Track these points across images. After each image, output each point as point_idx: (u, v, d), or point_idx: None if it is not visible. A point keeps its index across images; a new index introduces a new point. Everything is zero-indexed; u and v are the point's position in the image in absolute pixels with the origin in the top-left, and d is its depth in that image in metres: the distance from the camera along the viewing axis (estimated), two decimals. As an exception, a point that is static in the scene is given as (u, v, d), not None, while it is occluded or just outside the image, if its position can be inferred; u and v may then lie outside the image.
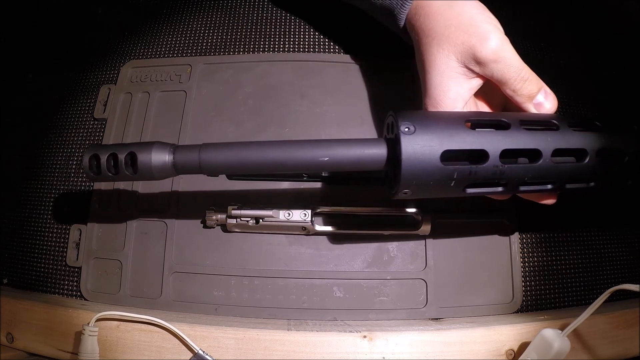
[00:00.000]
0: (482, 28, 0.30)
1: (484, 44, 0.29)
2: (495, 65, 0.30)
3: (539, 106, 0.31)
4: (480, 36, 0.30)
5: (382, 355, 0.31)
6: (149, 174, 0.27)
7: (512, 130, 0.28)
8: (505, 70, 0.30)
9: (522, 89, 0.30)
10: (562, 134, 0.28)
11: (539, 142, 0.28)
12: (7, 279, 0.41)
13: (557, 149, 0.28)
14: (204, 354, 0.31)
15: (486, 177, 0.28)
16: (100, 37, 0.48)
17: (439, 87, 0.31)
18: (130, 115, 0.43)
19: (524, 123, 0.28)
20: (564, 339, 0.29)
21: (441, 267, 0.38)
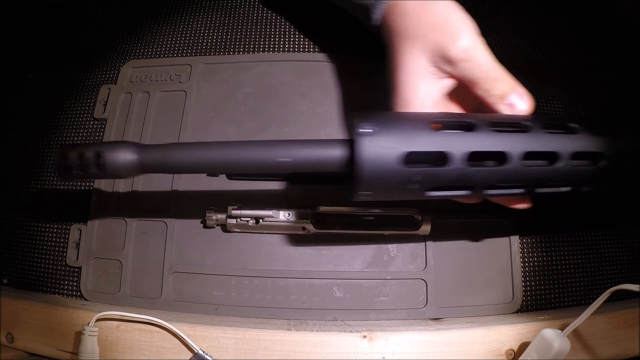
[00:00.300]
0: (454, 27, 0.29)
1: (455, 43, 0.29)
2: (466, 65, 0.29)
3: (512, 107, 0.29)
4: (451, 35, 0.29)
5: (382, 355, 0.31)
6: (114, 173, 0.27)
7: (478, 131, 0.27)
8: (475, 69, 0.29)
9: (493, 89, 0.29)
10: (533, 136, 0.27)
11: (507, 144, 0.26)
12: (7, 279, 0.41)
13: (528, 151, 0.27)
14: (204, 354, 0.31)
15: (450, 180, 0.27)
16: (100, 37, 0.48)
17: (408, 86, 0.30)
18: (130, 115, 0.43)
19: (493, 125, 0.27)
20: (564, 339, 0.29)
21: (441, 267, 0.38)
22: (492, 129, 0.27)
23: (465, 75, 0.30)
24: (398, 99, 0.31)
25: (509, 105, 0.29)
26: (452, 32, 0.29)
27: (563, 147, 0.27)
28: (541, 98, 0.44)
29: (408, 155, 0.25)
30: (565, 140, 0.27)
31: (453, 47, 0.29)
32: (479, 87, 0.30)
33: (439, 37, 0.29)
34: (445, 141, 0.26)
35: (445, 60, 0.29)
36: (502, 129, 0.27)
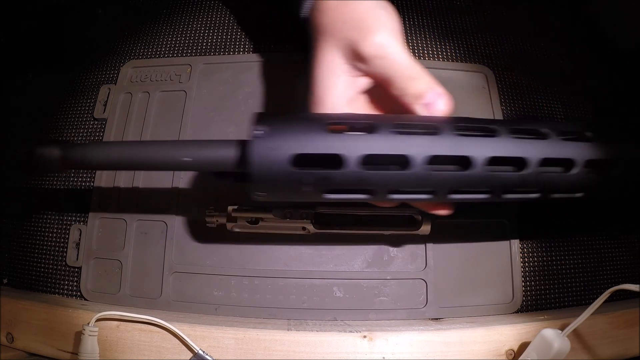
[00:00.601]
0: (367, 24, 0.28)
1: (367, 39, 0.28)
2: (379, 62, 0.28)
3: (428, 107, 0.27)
4: (365, 31, 0.28)
5: (382, 355, 0.31)
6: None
7: (380, 134, 0.25)
8: (389, 67, 0.28)
9: (408, 87, 0.28)
10: (442, 138, 0.25)
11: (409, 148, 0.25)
12: (7, 279, 0.41)
13: (434, 155, 0.25)
14: (204, 354, 0.31)
15: (347, 183, 0.26)
16: (100, 37, 0.48)
17: (322, 83, 0.30)
18: (130, 115, 0.43)
19: (397, 126, 0.26)
20: (564, 339, 0.29)
21: (441, 267, 0.38)
22: (396, 130, 0.25)
23: (379, 73, 0.28)
24: (313, 97, 0.30)
25: (426, 105, 0.27)
26: (365, 28, 0.28)
27: (475, 152, 0.25)
28: (541, 98, 0.44)
29: (297, 157, 0.25)
30: (481, 144, 0.26)
31: (365, 43, 0.28)
32: (394, 86, 0.28)
33: (352, 33, 0.28)
34: (340, 144, 0.25)
35: (358, 57, 0.28)
36: (407, 130, 0.26)
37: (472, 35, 0.46)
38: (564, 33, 0.48)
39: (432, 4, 0.48)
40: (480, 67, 0.44)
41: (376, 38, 0.28)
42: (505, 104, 0.43)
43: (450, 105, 0.28)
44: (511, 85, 0.44)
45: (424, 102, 0.27)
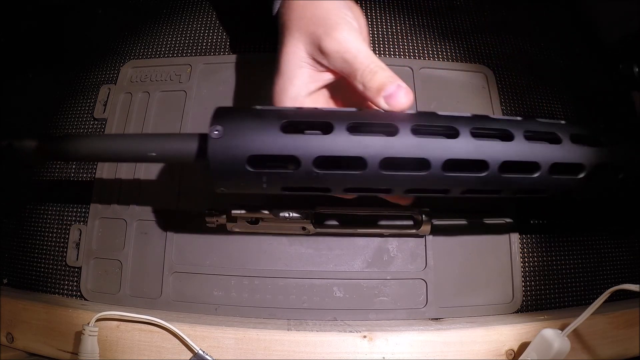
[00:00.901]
0: (331, 20, 0.29)
1: (330, 34, 0.28)
2: (341, 56, 0.28)
3: (390, 99, 0.27)
4: (328, 27, 0.29)
5: (382, 355, 0.31)
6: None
7: (334, 134, 0.25)
8: (351, 61, 0.28)
9: (370, 81, 0.28)
10: (399, 139, 0.25)
11: (365, 149, 0.25)
12: (7, 279, 0.41)
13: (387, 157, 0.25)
14: (204, 354, 0.31)
15: (302, 182, 0.26)
16: (100, 37, 0.48)
17: (285, 75, 0.30)
18: (130, 115, 0.43)
19: (354, 126, 0.25)
20: (564, 339, 0.29)
21: (441, 267, 0.38)
22: (352, 131, 0.25)
23: (341, 68, 0.29)
24: (275, 87, 0.31)
25: (387, 98, 0.27)
26: (329, 25, 0.29)
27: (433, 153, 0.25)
28: (541, 98, 0.44)
29: (253, 157, 0.25)
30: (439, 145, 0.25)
31: (328, 38, 0.28)
32: (356, 81, 0.28)
33: (316, 29, 0.29)
34: (295, 145, 0.25)
35: (321, 52, 0.29)
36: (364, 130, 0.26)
37: (472, 35, 0.46)
38: (564, 33, 0.48)
39: (432, 4, 0.48)
40: (480, 67, 0.44)
41: (339, 34, 0.28)
42: (505, 104, 0.43)
43: (411, 97, 0.27)
44: (511, 85, 0.44)
45: (384, 94, 0.27)
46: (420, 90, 0.42)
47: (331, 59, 0.29)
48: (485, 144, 0.25)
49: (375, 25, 0.46)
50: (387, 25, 0.46)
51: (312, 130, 0.26)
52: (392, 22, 0.47)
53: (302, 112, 0.27)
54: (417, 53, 0.45)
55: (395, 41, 0.46)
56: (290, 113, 0.27)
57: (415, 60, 0.45)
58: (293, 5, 0.31)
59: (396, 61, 0.44)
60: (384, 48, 0.45)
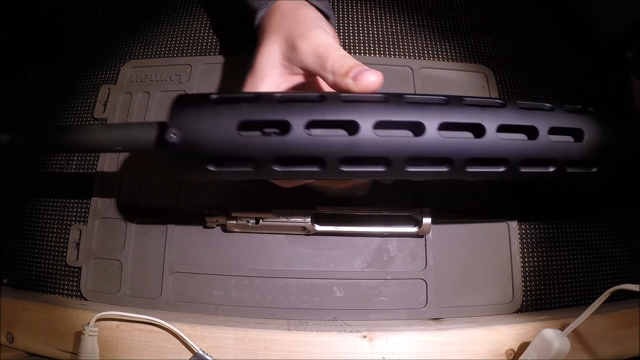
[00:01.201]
0: (307, 23, 0.31)
1: (304, 35, 0.30)
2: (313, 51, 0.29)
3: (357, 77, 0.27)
4: (304, 29, 0.30)
5: (382, 355, 0.31)
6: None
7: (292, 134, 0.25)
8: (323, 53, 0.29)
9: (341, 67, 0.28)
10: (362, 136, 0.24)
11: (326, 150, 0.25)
12: (7, 279, 0.41)
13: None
14: (204, 354, 0.31)
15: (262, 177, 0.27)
16: (100, 37, 0.48)
17: (257, 73, 0.31)
18: (130, 115, 0.43)
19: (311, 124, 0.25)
20: (564, 339, 0.29)
21: (441, 267, 0.38)
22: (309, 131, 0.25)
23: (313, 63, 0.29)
24: (245, 85, 0.32)
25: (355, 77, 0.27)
26: (304, 27, 0.31)
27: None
28: (541, 98, 0.44)
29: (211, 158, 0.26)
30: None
31: (301, 38, 0.30)
32: (327, 71, 0.28)
33: (292, 30, 0.31)
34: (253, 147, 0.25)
35: (294, 50, 0.30)
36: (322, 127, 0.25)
37: (472, 35, 0.46)
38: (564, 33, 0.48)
39: (432, 4, 0.48)
40: (480, 67, 0.44)
41: (312, 34, 0.30)
42: (505, 104, 0.43)
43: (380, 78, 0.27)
44: (511, 85, 0.44)
45: (352, 74, 0.27)
46: (420, 90, 0.42)
47: (304, 55, 0.30)
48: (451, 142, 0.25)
49: (375, 25, 0.46)
50: (387, 25, 0.46)
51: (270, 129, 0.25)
52: (392, 22, 0.47)
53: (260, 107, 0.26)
54: (417, 53, 0.45)
55: (395, 41, 0.46)
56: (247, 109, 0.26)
57: (415, 60, 0.45)
58: (274, 15, 0.33)
59: (396, 61, 0.44)
60: (384, 48, 0.45)
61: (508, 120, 0.26)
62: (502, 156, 0.26)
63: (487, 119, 0.25)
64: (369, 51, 0.45)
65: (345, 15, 0.47)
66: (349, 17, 0.47)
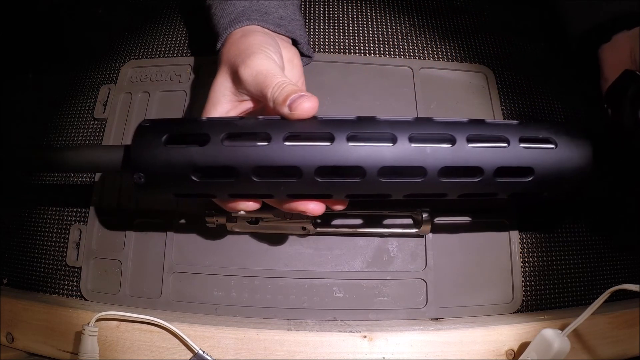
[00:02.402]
0: (248, 51, 0.32)
1: (245, 62, 0.31)
2: (254, 80, 0.30)
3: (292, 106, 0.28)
4: (245, 57, 0.31)
5: (382, 355, 0.31)
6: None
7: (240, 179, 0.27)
8: (262, 82, 0.30)
9: (279, 95, 0.29)
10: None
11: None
12: (7, 279, 0.41)
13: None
14: (204, 354, 0.31)
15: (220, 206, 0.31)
16: (100, 37, 0.48)
17: (210, 101, 0.33)
18: (130, 115, 0.43)
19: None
20: (564, 339, 0.29)
21: (441, 267, 0.38)
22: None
23: (256, 91, 0.30)
24: (204, 112, 0.33)
25: (290, 106, 0.28)
26: (246, 54, 0.31)
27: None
28: (541, 98, 0.44)
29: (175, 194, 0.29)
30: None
31: (242, 66, 0.31)
32: (268, 99, 0.29)
33: (235, 59, 0.32)
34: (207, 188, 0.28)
35: (238, 78, 0.31)
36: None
37: (472, 35, 0.46)
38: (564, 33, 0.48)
39: (432, 4, 0.48)
40: (480, 67, 0.44)
41: (252, 61, 0.31)
42: (505, 104, 0.43)
43: (314, 104, 0.28)
44: (511, 85, 0.44)
45: (288, 103, 0.28)
46: (420, 90, 0.43)
47: (246, 84, 0.31)
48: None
49: (375, 25, 0.46)
50: (387, 25, 0.46)
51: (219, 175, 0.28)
52: (392, 22, 0.47)
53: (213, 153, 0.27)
54: (417, 53, 0.45)
55: (395, 41, 0.46)
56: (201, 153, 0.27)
57: (415, 60, 0.45)
58: (226, 44, 0.35)
59: (396, 61, 0.44)
60: (384, 48, 0.45)
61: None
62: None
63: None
64: (369, 51, 0.45)
65: (345, 15, 0.47)
66: (349, 17, 0.47)
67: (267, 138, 0.26)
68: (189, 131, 0.28)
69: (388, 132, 0.26)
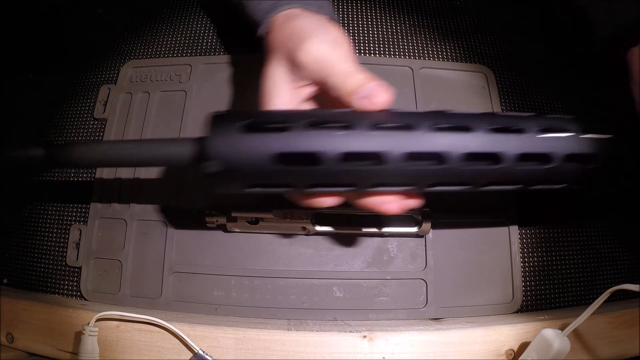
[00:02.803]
0: (301, 35, 0.30)
1: (301, 48, 0.29)
2: (315, 66, 0.29)
3: (365, 100, 0.27)
4: (299, 41, 0.30)
5: (382, 355, 0.31)
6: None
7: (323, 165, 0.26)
8: (324, 69, 0.29)
9: (344, 86, 0.28)
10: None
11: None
12: (7, 279, 0.41)
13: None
14: (204, 354, 0.31)
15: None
16: (100, 37, 0.48)
17: (268, 93, 0.31)
18: (130, 115, 0.43)
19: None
20: (564, 339, 0.29)
21: (441, 267, 0.38)
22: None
23: (317, 78, 0.29)
24: (260, 106, 0.32)
25: (361, 100, 0.27)
26: (300, 39, 0.30)
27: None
28: (541, 98, 0.44)
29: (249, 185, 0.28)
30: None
31: (300, 51, 0.29)
32: (332, 88, 0.29)
33: (290, 45, 0.30)
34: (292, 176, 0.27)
35: (296, 65, 0.30)
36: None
37: (472, 35, 0.46)
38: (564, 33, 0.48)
39: (432, 4, 0.48)
40: (480, 67, 0.44)
41: (309, 46, 0.29)
42: (505, 104, 0.43)
43: (389, 95, 0.27)
44: (511, 85, 0.44)
45: (359, 97, 0.27)
46: (420, 90, 0.42)
47: (306, 70, 0.29)
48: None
49: (375, 25, 0.46)
50: (387, 25, 0.46)
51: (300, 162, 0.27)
52: (392, 22, 0.47)
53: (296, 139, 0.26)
54: (417, 53, 0.45)
55: (395, 41, 0.46)
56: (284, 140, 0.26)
57: (415, 60, 0.45)
58: (272, 31, 0.33)
59: (396, 61, 0.44)
60: (384, 48, 0.45)
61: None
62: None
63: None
64: (369, 51, 0.45)
65: (345, 15, 0.47)
66: (349, 17, 0.47)
67: (349, 126, 0.26)
68: (267, 119, 0.27)
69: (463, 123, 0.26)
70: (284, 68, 0.31)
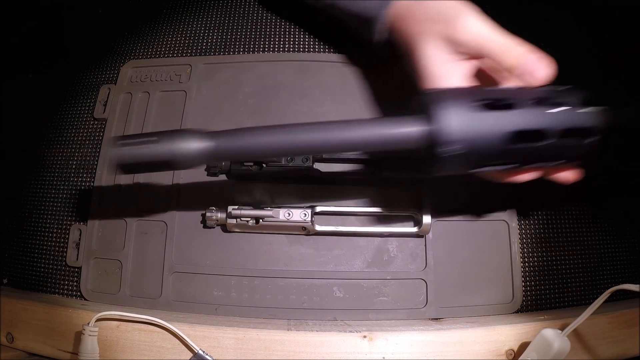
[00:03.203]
0: (451, 13, 0.31)
1: (456, 28, 0.31)
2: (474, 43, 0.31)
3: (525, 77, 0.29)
4: (453, 21, 0.31)
5: (382, 355, 0.31)
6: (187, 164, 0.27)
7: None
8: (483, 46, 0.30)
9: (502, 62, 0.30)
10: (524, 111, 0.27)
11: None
12: (7, 279, 0.41)
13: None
14: (204, 354, 0.31)
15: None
16: (100, 37, 0.48)
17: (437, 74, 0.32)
18: (130, 115, 0.43)
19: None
20: (564, 339, 0.29)
21: (441, 267, 0.38)
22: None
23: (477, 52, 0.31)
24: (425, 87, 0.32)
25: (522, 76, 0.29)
26: (451, 19, 0.31)
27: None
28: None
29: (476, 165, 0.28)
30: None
31: (457, 30, 0.31)
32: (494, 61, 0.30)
33: (441, 27, 0.31)
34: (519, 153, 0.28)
35: (456, 44, 0.31)
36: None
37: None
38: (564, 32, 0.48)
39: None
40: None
41: (465, 22, 0.31)
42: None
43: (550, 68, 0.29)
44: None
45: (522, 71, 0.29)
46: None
47: (466, 46, 0.31)
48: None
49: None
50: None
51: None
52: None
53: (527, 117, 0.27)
54: (417, 53, 0.45)
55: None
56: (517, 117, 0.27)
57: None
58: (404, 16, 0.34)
59: (396, 61, 0.44)
60: (384, 48, 0.45)
61: None
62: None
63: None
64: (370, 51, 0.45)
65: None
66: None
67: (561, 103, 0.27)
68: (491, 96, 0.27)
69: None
70: (440, 48, 0.32)
